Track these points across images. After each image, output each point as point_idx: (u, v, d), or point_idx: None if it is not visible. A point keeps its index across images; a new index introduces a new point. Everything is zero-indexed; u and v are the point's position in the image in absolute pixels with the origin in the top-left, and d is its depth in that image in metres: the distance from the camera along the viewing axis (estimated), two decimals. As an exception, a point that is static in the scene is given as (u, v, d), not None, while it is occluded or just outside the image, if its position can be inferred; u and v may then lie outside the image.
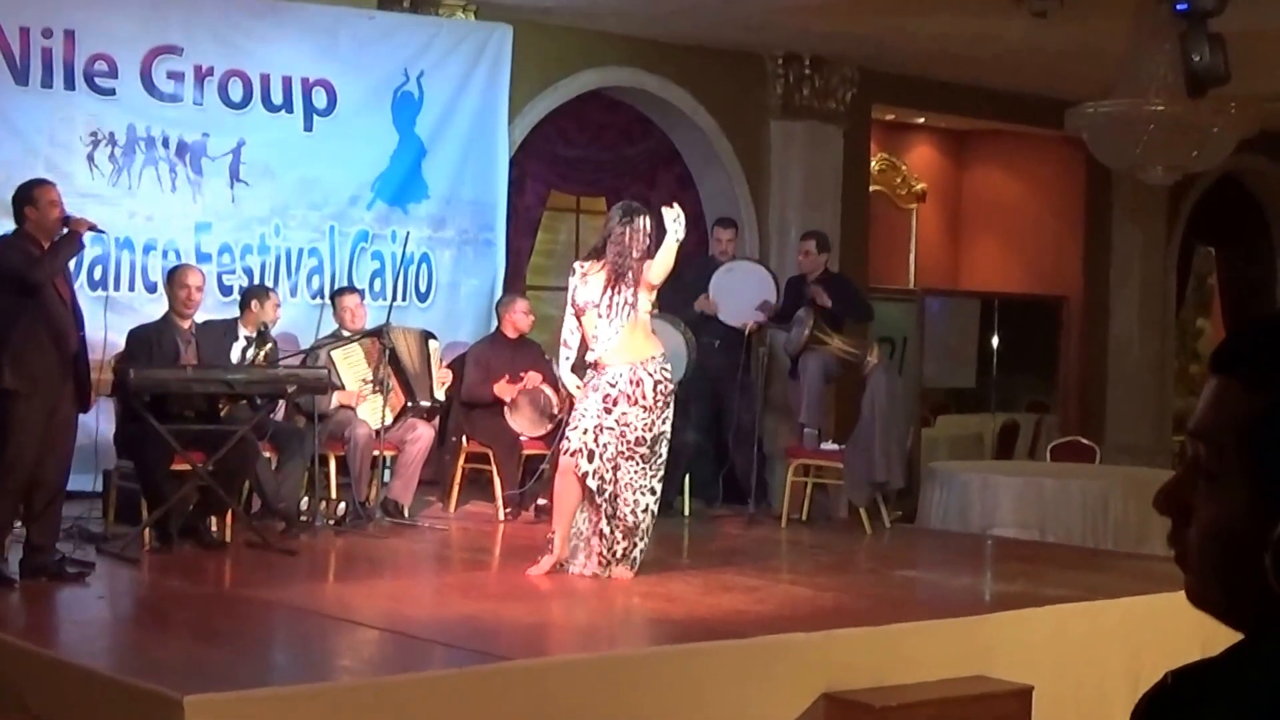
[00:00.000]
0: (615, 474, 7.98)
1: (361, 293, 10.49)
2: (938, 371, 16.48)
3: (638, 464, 8.00)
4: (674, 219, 7.98)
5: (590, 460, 7.96)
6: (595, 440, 7.98)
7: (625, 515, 7.97)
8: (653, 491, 8.08)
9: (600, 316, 8.07)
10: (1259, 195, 17.90)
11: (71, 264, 8.36)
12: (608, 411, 7.99)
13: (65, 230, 7.83)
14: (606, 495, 7.96)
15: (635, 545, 8.02)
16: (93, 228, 7.97)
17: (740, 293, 11.46)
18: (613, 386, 8.01)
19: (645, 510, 8.02)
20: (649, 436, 8.02)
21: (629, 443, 7.99)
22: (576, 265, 8.35)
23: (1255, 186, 17.78)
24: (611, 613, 7.29)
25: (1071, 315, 16.91)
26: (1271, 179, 17.61)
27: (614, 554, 7.99)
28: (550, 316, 11.95)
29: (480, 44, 11.68)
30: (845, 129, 14.15)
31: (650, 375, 8.05)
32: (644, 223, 8.13)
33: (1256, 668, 1.42)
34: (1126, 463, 13.79)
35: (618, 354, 8.05)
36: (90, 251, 9.93)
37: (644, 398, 8.01)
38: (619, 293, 8.06)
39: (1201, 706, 1.43)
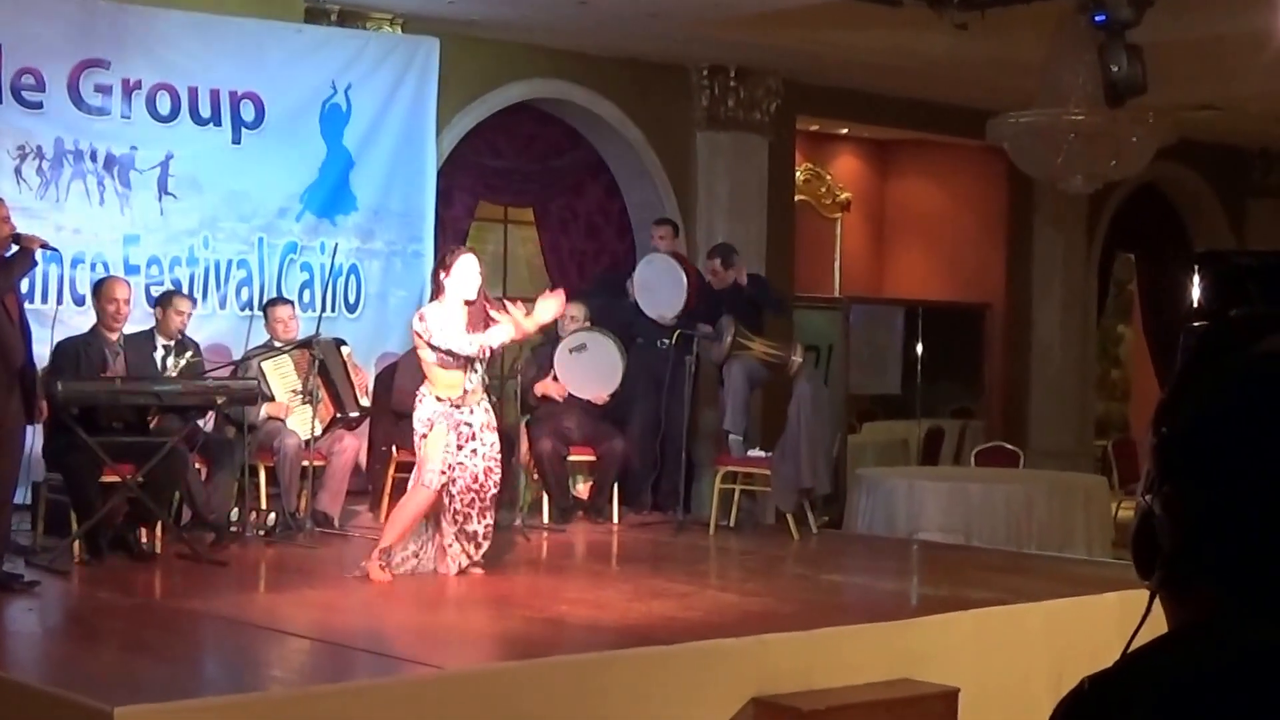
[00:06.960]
0: None
1: (294, 304, 10.51)
2: (863, 378, 16.60)
3: None
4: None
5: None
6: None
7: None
8: None
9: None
10: (1177, 203, 18.13)
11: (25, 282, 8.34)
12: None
13: (16, 247, 7.80)
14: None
15: None
16: (45, 245, 7.97)
17: (655, 287, 11.55)
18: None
19: None
20: None
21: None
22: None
23: (1173, 194, 18.01)
24: (542, 620, 7.34)
25: (994, 322, 17.08)
26: (1189, 187, 17.85)
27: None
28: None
29: (408, 57, 11.71)
30: (770, 140, 14.25)
31: None
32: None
33: (1170, 672, 1.47)
34: (1050, 467, 13.95)
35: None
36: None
37: None
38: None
39: (1117, 713, 1.47)
